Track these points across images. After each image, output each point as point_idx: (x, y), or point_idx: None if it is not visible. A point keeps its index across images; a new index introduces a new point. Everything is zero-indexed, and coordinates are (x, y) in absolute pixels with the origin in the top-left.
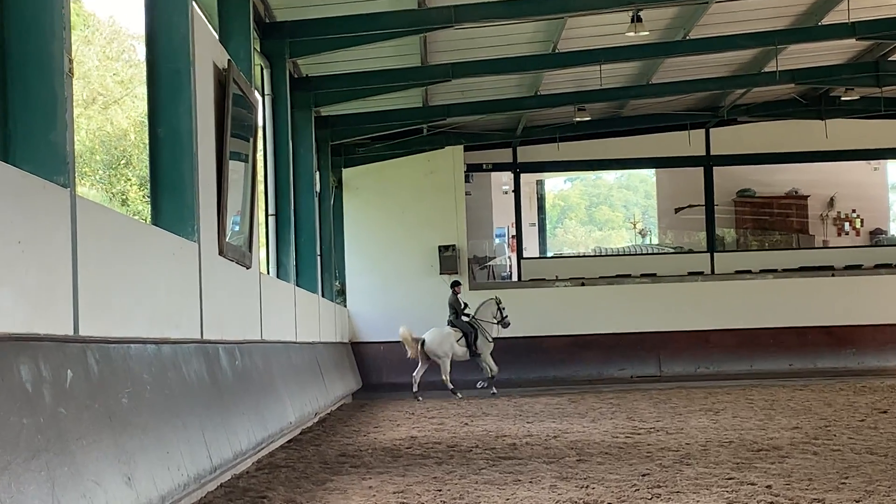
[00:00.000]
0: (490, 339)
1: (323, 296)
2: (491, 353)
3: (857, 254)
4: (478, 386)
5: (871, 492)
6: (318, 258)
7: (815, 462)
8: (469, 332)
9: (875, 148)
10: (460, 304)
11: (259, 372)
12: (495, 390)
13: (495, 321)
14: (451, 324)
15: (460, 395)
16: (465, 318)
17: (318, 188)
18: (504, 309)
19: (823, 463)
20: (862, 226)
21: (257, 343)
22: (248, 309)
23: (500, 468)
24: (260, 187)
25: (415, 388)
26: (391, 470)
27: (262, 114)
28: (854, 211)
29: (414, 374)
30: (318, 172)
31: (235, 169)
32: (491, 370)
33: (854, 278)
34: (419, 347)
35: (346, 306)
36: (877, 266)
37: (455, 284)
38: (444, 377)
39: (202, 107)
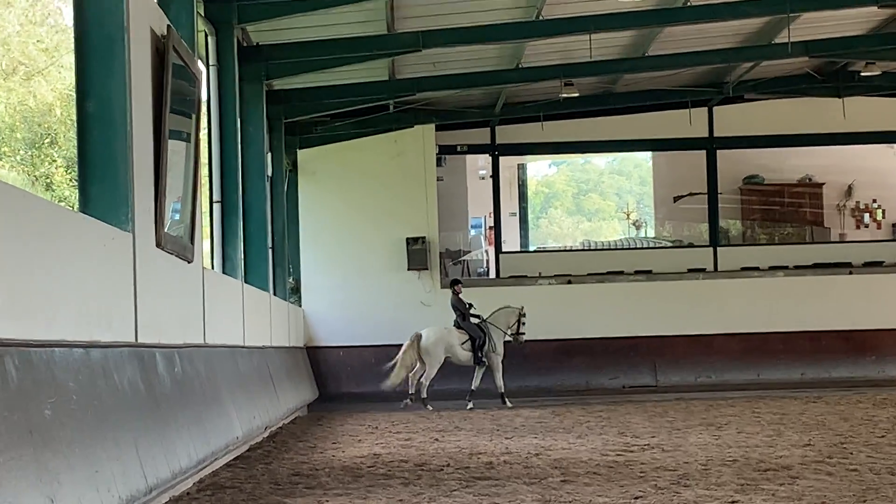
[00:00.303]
0: (497, 350)
1: (275, 294)
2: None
3: (877, 249)
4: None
5: None
6: (270, 251)
7: (830, 483)
8: (477, 337)
9: None
10: (464, 305)
11: (201, 380)
12: (471, 403)
13: (509, 332)
14: (458, 326)
15: (431, 408)
16: (474, 321)
17: (269, 172)
18: (525, 323)
19: (838, 485)
20: (883, 217)
21: (200, 347)
22: (189, 308)
23: (474, 490)
24: (204, 170)
25: (423, 395)
26: (351, 492)
27: (207, 87)
28: (875, 201)
29: (412, 376)
30: (269, 154)
31: (175, 149)
32: (499, 386)
33: (874, 276)
34: (416, 345)
35: (300, 306)
36: None
37: (454, 283)
38: (423, 381)
39: (137, 79)
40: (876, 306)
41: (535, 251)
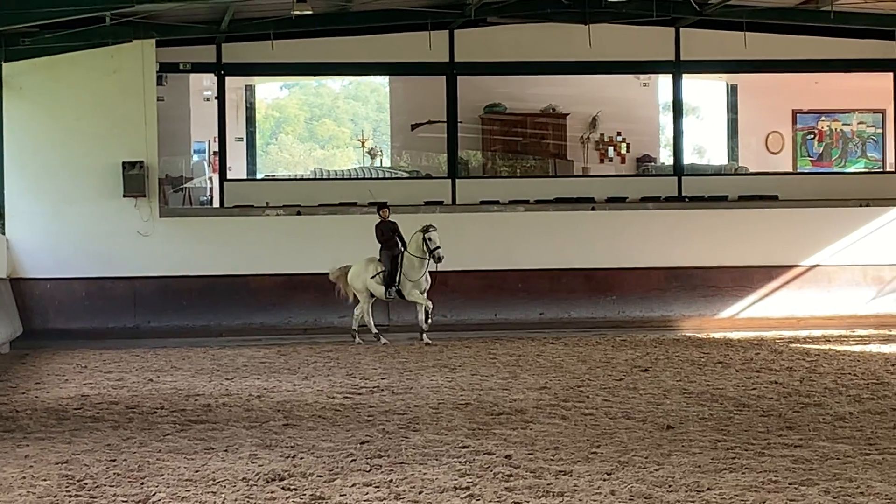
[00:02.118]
0: (412, 279)
1: None
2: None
3: (621, 184)
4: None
5: (625, 462)
6: None
7: (564, 428)
8: (387, 269)
9: (645, 60)
10: (389, 231)
11: None
12: (428, 340)
13: (425, 256)
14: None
15: (384, 341)
16: (398, 251)
17: None
18: (431, 240)
19: (573, 429)
20: (628, 151)
21: None
22: None
23: (189, 434)
24: None
25: (353, 326)
26: (54, 436)
27: None
28: (619, 134)
29: (357, 312)
30: None
31: None
32: (423, 310)
33: (617, 213)
34: (344, 278)
35: (3, 234)
36: (643, 199)
37: (382, 207)
38: (355, 312)
39: None
40: (618, 245)
41: (263, 179)
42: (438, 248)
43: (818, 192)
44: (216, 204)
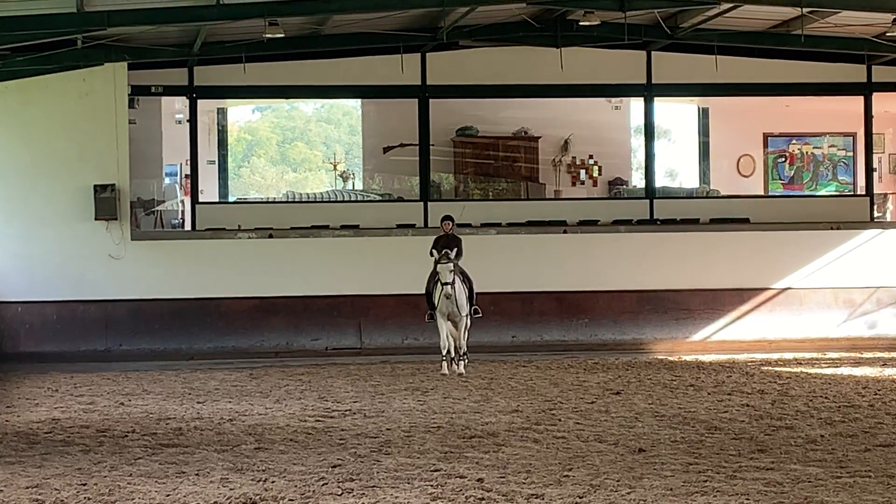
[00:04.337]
0: (441, 309)
1: None
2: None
3: (593, 207)
4: None
5: (596, 486)
6: None
7: (536, 451)
8: (427, 290)
9: (617, 83)
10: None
11: None
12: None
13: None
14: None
15: (445, 371)
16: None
17: None
18: (439, 273)
19: (545, 452)
20: (600, 174)
21: None
22: None
23: (160, 458)
24: None
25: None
26: (25, 460)
27: None
28: (591, 157)
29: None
30: None
31: None
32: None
33: (589, 236)
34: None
35: None
36: (615, 222)
37: (445, 219)
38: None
39: None
40: (590, 267)
41: (234, 202)
42: (447, 283)
43: (789, 216)
44: (188, 227)
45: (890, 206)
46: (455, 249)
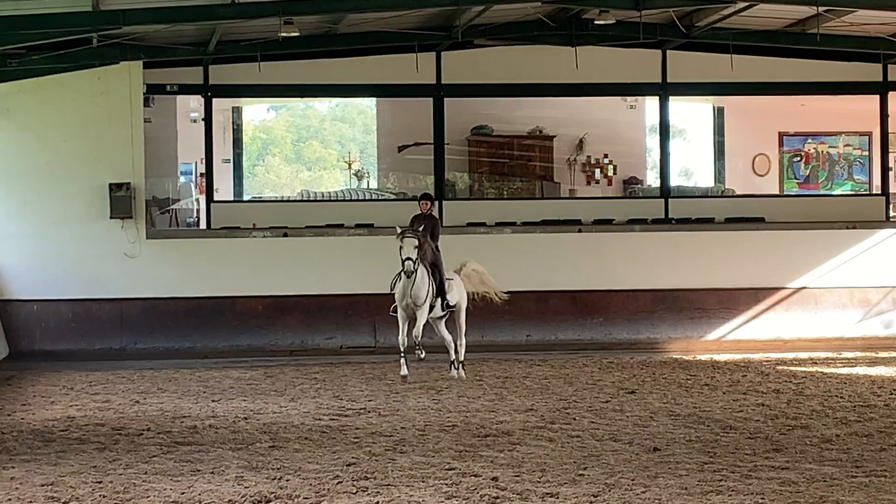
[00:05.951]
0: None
1: None
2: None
3: (608, 206)
4: None
5: (611, 485)
6: None
7: (551, 450)
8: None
9: (632, 82)
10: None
11: None
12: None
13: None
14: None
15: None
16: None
17: None
18: (401, 248)
19: (560, 451)
20: (615, 174)
21: None
22: None
23: (175, 456)
24: None
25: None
26: (40, 458)
27: None
28: (606, 156)
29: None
30: None
31: None
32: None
33: (603, 235)
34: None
35: None
36: (630, 221)
37: (423, 198)
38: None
39: None
40: (604, 266)
41: (249, 201)
42: (408, 259)
43: (805, 215)
44: (203, 225)
45: None
46: (424, 227)
